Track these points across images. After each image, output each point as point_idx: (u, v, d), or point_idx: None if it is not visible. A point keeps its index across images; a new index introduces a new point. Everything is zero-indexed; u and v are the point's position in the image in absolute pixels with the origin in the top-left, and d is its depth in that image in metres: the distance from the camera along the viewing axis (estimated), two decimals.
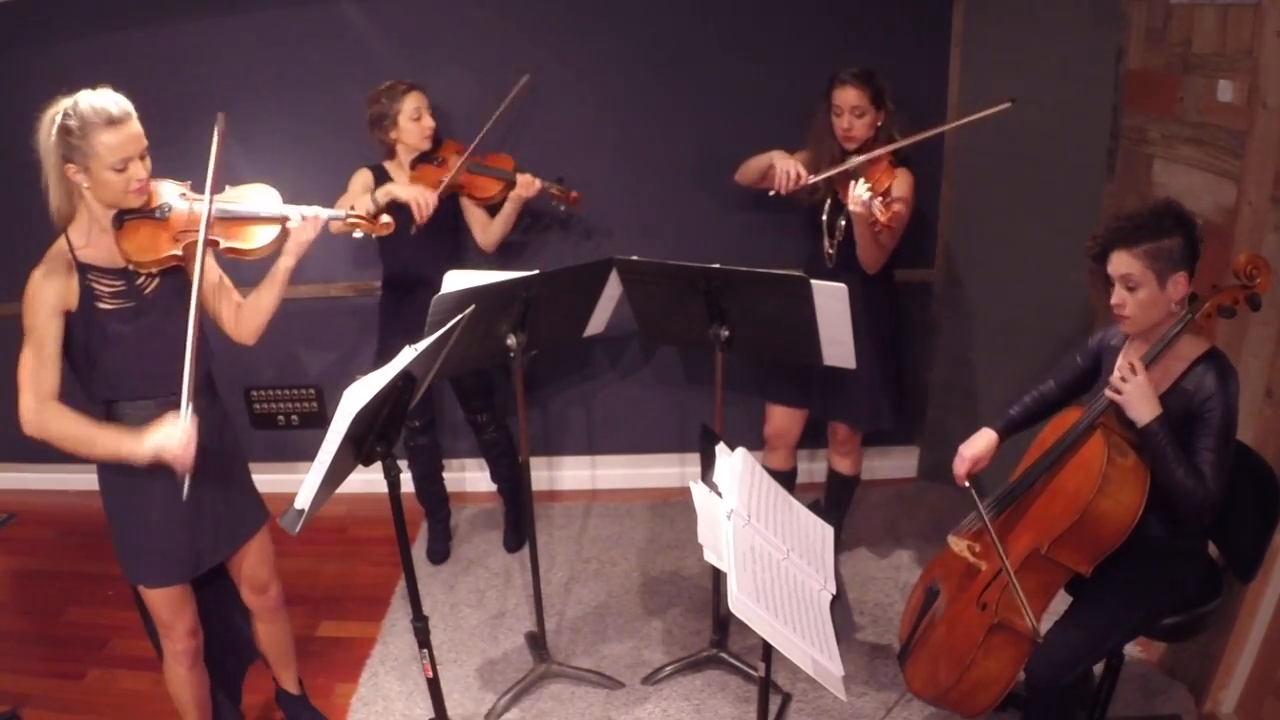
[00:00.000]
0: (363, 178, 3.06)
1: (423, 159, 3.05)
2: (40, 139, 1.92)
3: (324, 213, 2.17)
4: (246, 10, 3.28)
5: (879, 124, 2.77)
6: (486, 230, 3.19)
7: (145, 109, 1.97)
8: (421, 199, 2.88)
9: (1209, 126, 2.54)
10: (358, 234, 2.27)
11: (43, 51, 3.32)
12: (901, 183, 2.74)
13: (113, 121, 1.89)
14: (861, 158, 2.70)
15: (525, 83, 3.07)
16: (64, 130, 1.88)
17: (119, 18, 3.27)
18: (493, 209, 3.16)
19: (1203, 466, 1.92)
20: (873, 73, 2.74)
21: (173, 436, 1.92)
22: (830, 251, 2.85)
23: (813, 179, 2.72)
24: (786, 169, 2.72)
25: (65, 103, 1.90)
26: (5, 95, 3.32)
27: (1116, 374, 1.97)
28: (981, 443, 2.26)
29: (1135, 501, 1.95)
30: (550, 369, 3.73)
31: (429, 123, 3.04)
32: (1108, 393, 1.99)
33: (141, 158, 1.96)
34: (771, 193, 2.78)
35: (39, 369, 1.94)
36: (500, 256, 3.37)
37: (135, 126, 1.94)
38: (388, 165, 3.10)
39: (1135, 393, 1.94)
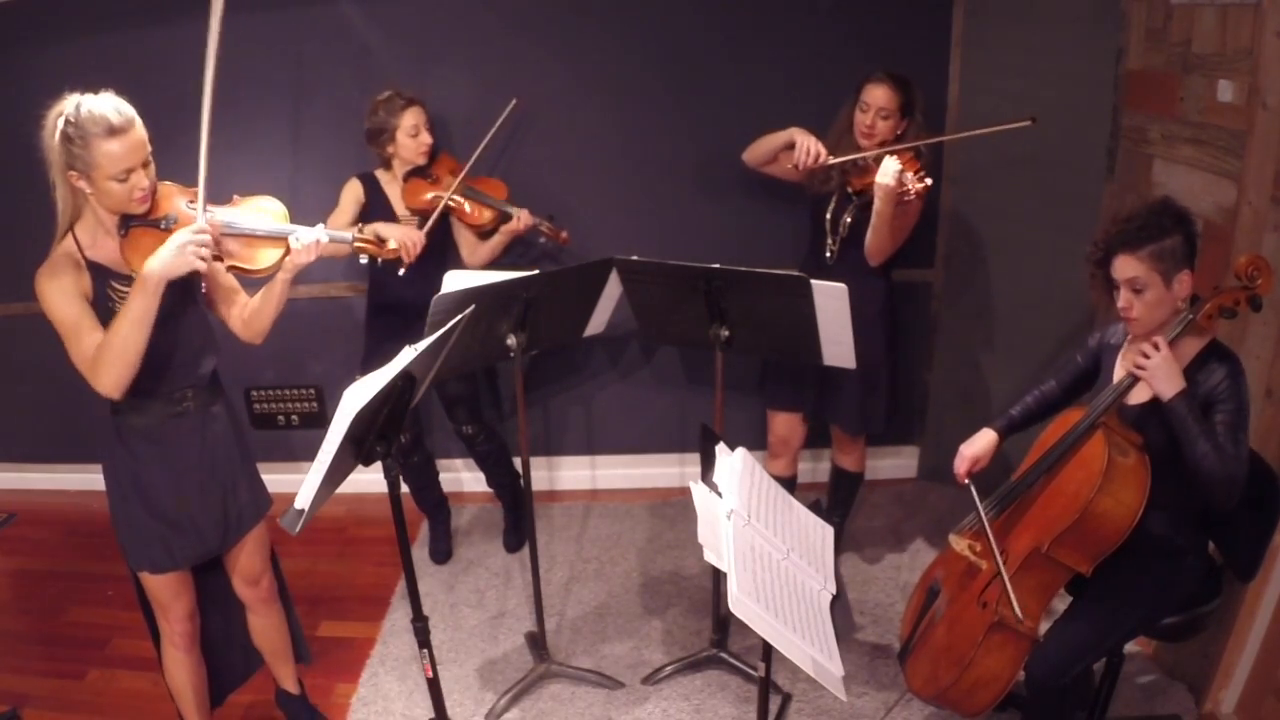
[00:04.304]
0: (353, 190, 3.02)
1: (416, 173, 3.01)
2: (44, 139, 1.88)
3: (331, 235, 2.13)
4: (247, 11, 3.28)
5: (900, 131, 2.74)
6: (474, 252, 3.14)
7: (145, 110, 1.95)
8: (409, 242, 2.82)
9: (1209, 126, 2.54)
10: (364, 259, 2.28)
11: (43, 51, 3.32)
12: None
13: (114, 131, 1.83)
14: (883, 149, 2.68)
15: (514, 107, 3.05)
16: (65, 138, 1.84)
17: (119, 18, 3.27)
18: (483, 232, 3.11)
19: (1226, 445, 1.90)
20: (909, 80, 2.72)
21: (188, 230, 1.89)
22: (832, 249, 2.84)
23: (833, 160, 2.72)
24: (808, 144, 2.71)
25: (67, 107, 1.85)
26: (5, 95, 3.32)
27: (1140, 351, 1.93)
28: (982, 442, 2.26)
29: (1135, 501, 1.95)
30: (550, 369, 3.73)
31: (426, 139, 2.98)
32: (1134, 369, 1.95)
33: (145, 166, 1.92)
34: (790, 165, 2.77)
35: (88, 345, 1.89)
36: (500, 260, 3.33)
37: (138, 134, 1.88)
38: (380, 175, 3.05)
39: (1159, 368, 1.90)
